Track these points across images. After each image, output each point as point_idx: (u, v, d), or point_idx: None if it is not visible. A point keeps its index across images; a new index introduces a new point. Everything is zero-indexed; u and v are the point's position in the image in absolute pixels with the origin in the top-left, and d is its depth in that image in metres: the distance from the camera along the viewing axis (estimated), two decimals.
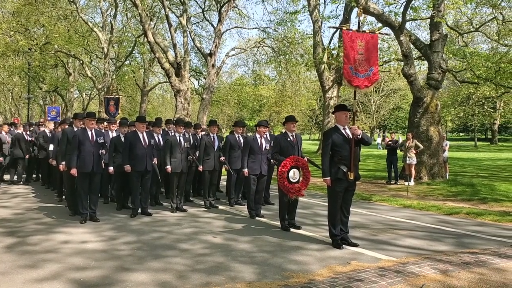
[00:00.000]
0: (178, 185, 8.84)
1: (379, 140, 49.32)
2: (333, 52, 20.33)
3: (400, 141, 15.48)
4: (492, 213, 9.16)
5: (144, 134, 8.34)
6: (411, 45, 15.22)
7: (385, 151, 15.91)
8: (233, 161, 9.52)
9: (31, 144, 13.23)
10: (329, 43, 22.63)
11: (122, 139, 8.77)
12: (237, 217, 8.36)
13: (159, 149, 9.00)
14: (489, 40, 24.49)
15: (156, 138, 9.01)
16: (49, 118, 20.22)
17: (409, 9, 14.14)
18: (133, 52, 32.80)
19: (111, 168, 8.50)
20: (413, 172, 13.86)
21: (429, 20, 15.70)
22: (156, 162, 8.55)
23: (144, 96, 37.91)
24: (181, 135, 8.86)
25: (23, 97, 40.73)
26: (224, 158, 9.47)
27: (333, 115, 6.47)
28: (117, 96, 22.56)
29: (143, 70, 36.60)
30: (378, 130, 59.62)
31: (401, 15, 13.94)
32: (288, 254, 5.79)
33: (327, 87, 22.21)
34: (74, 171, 7.61)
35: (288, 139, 7.26)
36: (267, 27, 29.04)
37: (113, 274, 4.89)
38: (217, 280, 4.72)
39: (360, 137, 6.01)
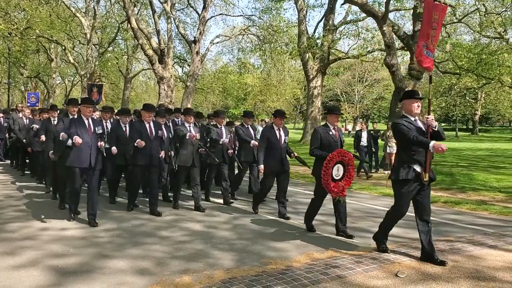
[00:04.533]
0: (191, 180, 8.01)
1: (349, 127, 50.91)
2: (317, 41, 20.35)
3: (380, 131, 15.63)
4: (469, 202, 9.35)
5: (151, 124, 7.47)
6: (394, 35, 15.31)
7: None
8: (245, 154, 8.92)
9: (8, 130, 13.26)
10: (314, 32, 22.62)
11: (125, 128, 8.32)
12: (220, 206, 8.40)
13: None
14: (472, 31, 24.73)
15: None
16: (28, 104, 19.96)
17: None
18: (117, 38, 32.44)
19: (114, 148, 7.96)
20: (393, 161, 14.04)
21: (412, 10, 15.79)
22: (163, 156, 7.81)
23: (128, 83, 37.58)
24: (191, 125, 7.98)
25: (3, 82, 40.04)
26: (232, 151, 8.84)
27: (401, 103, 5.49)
28: (100, 83, 22.32)
29: (127, 56, 36.23)
30: (361, 119, 59.87)
31: (384, 5, 14.01)
32: (267, 241, 5.85)
33: (311, 77, 22.25)
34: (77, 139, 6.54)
35: (330, 133, 6.24)
36: (252, 15, 28.91)
37: (92, 261, 4.89)
38: (196, 267, 4.76)
39: (436, 129, 5.02)
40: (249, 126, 9.21)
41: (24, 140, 11.70)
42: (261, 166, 7.23)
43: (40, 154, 9.84)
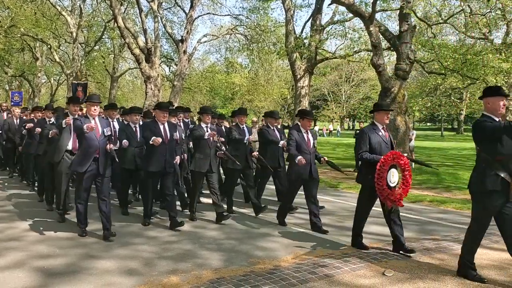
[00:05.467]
0: (210, 187, 7.08)
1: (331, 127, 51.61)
2: (305, 41, 20.39)
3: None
4: (455, 201, 9.45)
5: (166, 125, 6.62)
6: (381, 36, 15.42)
7: (354, 140, 16.17)
8: (270, 157, 7.91)
9: None
10: (301, 32, 22.64)
11: (135, 128, 7.61)
12: (207, 205, 8.37)
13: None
14: (457, 32, 24.96)
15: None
16: (12, 103, 19.71)
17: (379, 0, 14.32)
18: (103, 37, 32.13)
19: (125, 141, 7.14)
20: None
21: (398, 11, 15.91)
22: (178, 161, 7.01)
23: (114, 82, 37.23)
24: (208, 126, 7.08)
25: None
26: (257, 153, 7.92)
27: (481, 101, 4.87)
28: (85, 81, 22.10)
29: (113, 55, 35.92)
30: (348, 119, 60.36)
31: (371, 6, 14.10)
32: (255, 241, 5.86)
33: (299, 76, 22.26)
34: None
35: (380, 134, 5.46)
36: (239, 14, 28.81)
37: (79, 261, 4.86)
38: (184, 267, 4.74)
39: None
40: (274, 128, 8.17)
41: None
42: (300, 157, 6.24)
43: (32, 157, 9.01)
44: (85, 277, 4.41)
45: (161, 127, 6.56)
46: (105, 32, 30.88)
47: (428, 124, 73.49)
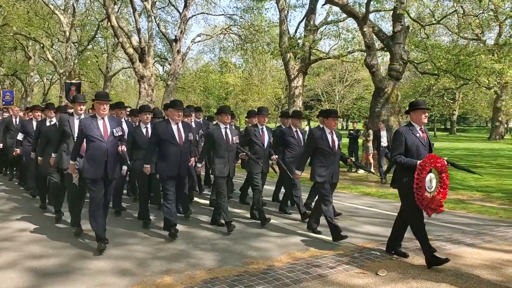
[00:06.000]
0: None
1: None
2: (299, 41, 20.43)
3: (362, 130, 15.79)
4: (447, 201, 9.38)
5: (180, 126, 6.07)
6: (374, 36, 15.47)
7: (347, 140, 16.23)
8: (289, 162, 7.34)
9: None
10: (295, 32, 22.67)
11: (145, 129, 7.01)
12: (200, 205, 8.36)
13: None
14: (450, 32, 25.11)
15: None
16: (4, 103, 19.59)
17: (372, 0, 14.36)
18: (96, 36, 32.01)
19: (125, 168, 6.29)
20: (371, 160, 14.22)
21: (392, 11, 15.97)
22: (193, 164, 6.71)
23: (107, 82, 37.10)
24: (227, 127, 6.51)
25: None
26: (277, 156, 7.28)
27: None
28: (78, 81, 22.00)
29: (106, 55, 35.79)
30: (341, 119, 60.42)
31: (365, 6, 14.14)
32: (249, 241, 5.86)
33: (292, 76, 22.30)
34: (72, 169, 5.70)
35: (417, 135, 5.03)
36: (233, 14, 28.80)
37: (72, 262, 4.83)
38: (178, 267, 4.74)
39: None
40: (297, 129, 7.66)
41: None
42: (298, 173, 6.14)
43: (32, 162, 8.24)
44: (78, 277, 4.39)
45: (175, 127, 6.00)
46: (98, 31, 30.76)
47: None
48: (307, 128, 20.54)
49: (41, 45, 31.94)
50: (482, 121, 67.54)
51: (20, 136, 8.86)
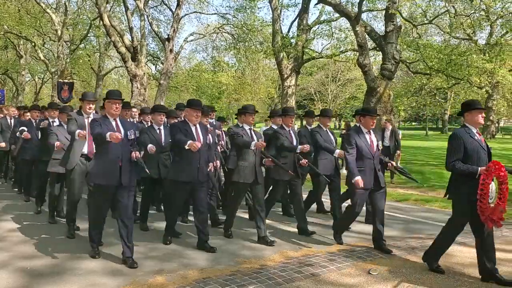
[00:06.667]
0: (255, 202, 5.97)
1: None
2: (292, 41, 20.44)
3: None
4: (439, 199, 9.53)
5: (198, 127, 5.52)
6: (367, 36, 15.53)
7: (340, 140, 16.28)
8: (322, 165, 6.83)
9: None
10: (288, 31, 22.69)
11: (159, 130, 6.49)
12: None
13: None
14: (442, 32, 25.27)
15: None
16: None
17: (365, 0, 14.42)
18: (88, 35, 31.83)
19: (151, 146, 5.94)
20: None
21: (384, 11, 16.04)
22: (212, 169, 6.10)
23: (100, 81, 36.94)
24: (251, 128, 5.98)
25: None
26: (306, 161, 6.45)
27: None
28: (71, 80, 21.87)
29: (99, 54, 35.63)
30: (334, 118, 60.60)
31: (357, 6, 14.19)
32: (241, 240, 5.86)
33: (285, 76, 22.33)
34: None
35: (475, 138, 4.53)
36: (226, 13, 28.75)
37: (63, 262, 4.81)
38: (170, 267, 4.73)
39: None
40: (327, 130, 7.10)
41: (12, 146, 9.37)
42: (358, 179, 5.25)
43: (29, 163, 8.17)
44: (69, 277, 4.37)
45: (193, 129, 5.43)
46: (90, 30, 30.57)
47: (413, 123, 74.14)
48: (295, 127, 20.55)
49: (33, 44, 31.73)
50: None
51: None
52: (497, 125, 45.47)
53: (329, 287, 4.30)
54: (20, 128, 8.20)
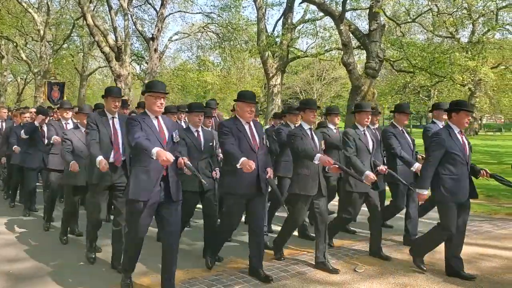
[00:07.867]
0: (317, 220, 4.84)
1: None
2: (277, 40, 20.48)
3: None
4: (428, 198, 9.61)
5: (252, 125, 4.61)
6: (351, 35, 15.62)
7: None
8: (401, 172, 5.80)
9: None
10: (273, 30, 22.72)
11: (197, 133, 5.21)
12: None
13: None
14: (425, 31, 25.51)
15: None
16: None
17: None
18: (72, 35, 31.51)
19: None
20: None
21: (368, 10, 16.15)
22: (271, 176, 4.60)
23: (84, 81, 36.63)
24: (311, 127, 4.99)
25: None
26: (386, 167, 5.41)
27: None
28: (62, 81, 21.60)
29: (82, 54, 35.29)
30: (320, 117, 60.88)
31: (341, 5, 14.26)
32: (229, 241, 5.83)
33: (271, 75, 22.39)
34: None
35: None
36: (211, 12, 28.70)
37: (47, 265, 4.75)
38: (156, 268, 4.69)
39: None
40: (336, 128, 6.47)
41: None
42: (424, 193, 4.74)
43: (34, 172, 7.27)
44: (52, 280, 4.31)
45: (247, 127, 4.55)
46: (74, 30, 30.27)
47: None
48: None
49: (15, 44, 31.29)
50: None
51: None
52: (480, 122, 46.04)
53: (315, 285, 4.30)
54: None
